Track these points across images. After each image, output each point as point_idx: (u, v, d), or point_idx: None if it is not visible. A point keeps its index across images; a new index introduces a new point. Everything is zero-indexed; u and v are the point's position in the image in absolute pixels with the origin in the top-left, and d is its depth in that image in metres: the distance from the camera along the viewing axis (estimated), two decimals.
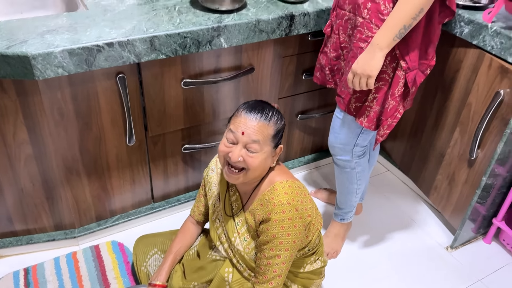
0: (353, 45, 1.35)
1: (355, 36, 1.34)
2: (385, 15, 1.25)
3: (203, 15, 1.44)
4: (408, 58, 1.28)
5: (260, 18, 1.45)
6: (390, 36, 1.20)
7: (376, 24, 1.27)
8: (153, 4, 1.48)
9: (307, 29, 1.56)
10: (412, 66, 1.30)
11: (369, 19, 1.28)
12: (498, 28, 1.42)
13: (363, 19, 1.29)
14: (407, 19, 1.17)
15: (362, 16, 1.29)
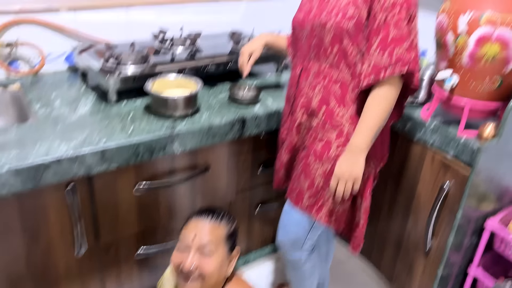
0: (308, 145, 1.40)
1: (309, 137, 1.39)
2: (339, 118, 1.33)
3: (157, 121, 1.46)
4: (375, 156, 1.36)
5: (213, 123, 1.49)
6: (369, 139, 1.26)
7: (331, 126, 1.34)
8: (106, 113, 1.50)
9: (259, 130, 1.62)
10: (377, 164, 1.38)
11: (324, 121, 1.35)
12: (437, 125, 1.51)
13: (318, 122, 1.36)
14: (379, 122, 1.25)
15: (317, 118, 1.36)
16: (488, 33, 1.28)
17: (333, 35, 1.28)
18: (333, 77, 1.33)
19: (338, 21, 1.26)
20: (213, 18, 2.14)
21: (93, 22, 1.83)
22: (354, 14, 1.23)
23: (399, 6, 1.17)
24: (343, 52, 1.29)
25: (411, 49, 1.19)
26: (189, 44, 1.86)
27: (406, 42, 1.18)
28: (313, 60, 1.37)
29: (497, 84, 1.36)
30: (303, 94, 1.40)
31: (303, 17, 1.37)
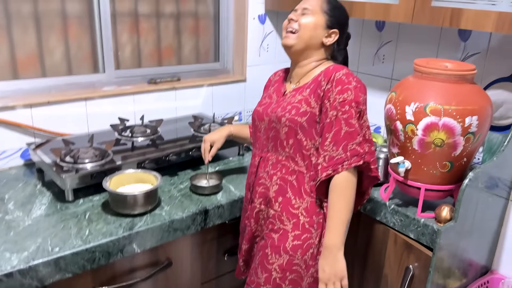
0: (265, 235, 1.40)
1: (267, 226, 1.39)
2: (295, 209, 1.33)
3: (115, 220, 1.42)
4: None
5: (174, 217, 1.46)
6: (342, 234, 1.25)
7: (287, 217, 1.34)
8: (62, 214, 1.45)
9: (222, 219, 1.60)
10: None
11: (280, 212, 1.35)
12: (396, 207, 1.54)
13: (274, 212, 1.36)
14: (347, 214, 1.26)
15: (274, 208, 1.36)
16: (434, 122, 1.35)
17: (288, 129, 1.34)
18: (290, 169, 1.36)
19: (292, 116, 1.32)
20: (174, 104, 2.17)
21: (50, 116, 1.82)
22: (306, 110, 1.31)
23: (348, 105, 1.24)
24: (298, 145, 1.33)
25: (364, 143, 1.24)
26: (150, 132, 1.87)
27: (358, 137, 1.24)
28: (271, 151, 1.41)
29: (448, 168, 1.42)
30: (261, 184, 1.42)
31: (262, 110, 1.43)
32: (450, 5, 1.52)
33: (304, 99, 1.32)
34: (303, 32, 1.34)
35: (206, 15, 2.32)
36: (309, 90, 1.33)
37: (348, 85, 1.25)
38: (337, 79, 1.26)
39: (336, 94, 1.25)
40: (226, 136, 1.64)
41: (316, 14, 1.34)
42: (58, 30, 1.88)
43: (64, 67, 1.94)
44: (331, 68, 1.31)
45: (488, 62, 1.72)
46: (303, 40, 1.34)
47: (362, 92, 1.27)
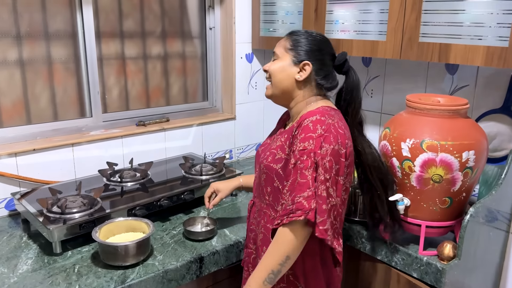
0: None
1: None
2: None
3: (106, 274, 1.35)
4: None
5: (168, 267, 1.39)
6: (260, 280, 1.18)
7: None
8: (50, 268, 1.38)
9: (218, 266, 1.53)
10: None
11: None
12: (397, 245, 1.50)
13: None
14: (274, 264, 1.17)
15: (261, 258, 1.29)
16: (431, 158, 1.33)
17: (266, 176, 1.31)
18: (270, 217, 1.31)
19: (268, 163, 1.29)
20: (164, 145, 2.13)
21: (36, 164, 1.76)
22: (281, 157, 1.26)
23: (306, 154, 1.16)
24: (276, 193, 1.28)
25: (312, 198, 1.13)
26: (140, 176, 1.82)
27: (307, 190, 1.14)
28: (257, 197, 1.38)
29: (448, 204, 1.39)
30: (252, 230, 1.41)
31: (260, 153, 1.40)
32: (437, 40, 1.54)
33: (280, 145, 1.28)
34: (274, 79, 1.30)
35: (193, 55, 2.32)
36: (286, 136, 1.28)
37: (312, 133, 1.17)
38: (304, 126, 1.20)
39: (299, 141, 1.18)
40: (233, 188, 1.61)
41: (282, 56, 1.29)
42: (43, 75, 1.85)
43: (50, 113, 1.90)
44: (306, 112, 1.25)
45: (477, 94, 1.73)
46: (277, 87, 1.30)
47: (326, 142, 1.16)
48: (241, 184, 1.62)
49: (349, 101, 1.33)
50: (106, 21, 1.98)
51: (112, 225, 1.48)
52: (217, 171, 1.91)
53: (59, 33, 1.86)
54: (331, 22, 1.89)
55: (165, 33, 2.18)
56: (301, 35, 1.30)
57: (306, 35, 1.30)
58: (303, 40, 1.29)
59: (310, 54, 1.28)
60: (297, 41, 1.29)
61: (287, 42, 1.30)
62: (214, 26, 2.30)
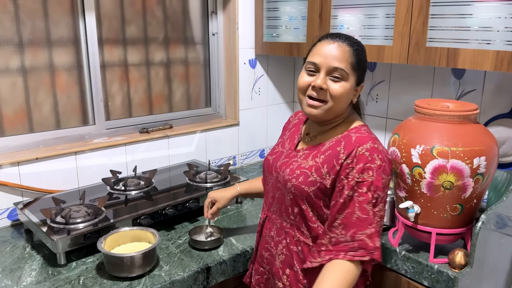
0: None
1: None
2: (304, 284, 1.21)
3: (111, 285, 1.32)
4: None
5: (175, 278, 1.37)
6: None
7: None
8: (54, 280, 1.35)
9: (225, 276, 1.51)
10: None
11: (289, 286, 1.24)
12: (406, 253, 1.47)
13: (283, 285, 1.25)
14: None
15: (282, 281, 1.25)
16: (441, 164, 1.31)
17: (293, 196, 1.19)
18: (294, 238, 1.22)
19: (299, 184, 1.17)
20: (167, 152, 2.11)
21: (39, 173, 1.74)
22: (316, 180, 1.15)
23: (366, 187, 1.07)
24: (304, 215, 1.19)
25: (375, 236, 1.08)
26: (144, 184, 1.80)
27: (369, 227, 1.07)
28: (276, 213, 1.28)
29: (459, 210, 1.37)
30: (267, 248, 1.32)
31: (272, 162, 1.30)
32: (445, 45, 1.52)
33: (316, 166, 1.15)
34: (336, 104, 1.14)
35: (196, 61, 2.30)
36: (324, 157, 1.16)
37: (371, 164, 1.08)
38: (360, 155, 1.09)
39: (357, 172, 1.08)
40: (231, 198, 1.55)
41: (350, 76, 1.12)
42: (46, 83, 1.83)
43: (53, 121, 1.88)
44: (354, 137, 1.14)
45: (484, 99, 1.72)
46: (334, 111, 1.16)
47: (385, 173, 1.10)
48: (239, 192, 1.56)
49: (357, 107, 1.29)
50: (109, 28, 1.96)
51: (117, 235, 1.46)
52: (222, 178, 1.89)
53: (61, 40, 1.84)
54: (336, 27, 1.88)
55: (167, 39, 2.16)
56: (360, 45, 1.16)
57: (361, 45, 1.17)
58: (363, 55, 1.17)
59: (364, 73, 1.19)
60: (360, 57, 1.15)
61: (352, 57, 1.13)
62: (217, 32, 2.29)
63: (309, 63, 1.16)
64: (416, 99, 1.53)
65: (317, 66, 1.14)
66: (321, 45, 1.15)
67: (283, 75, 2.49)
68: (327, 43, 1.14)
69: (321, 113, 1.16)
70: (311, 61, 1.15)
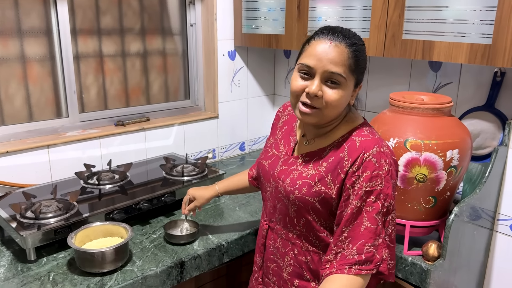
0: None
1: None
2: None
3: (82, 281, 1.30)
4: None
5: (147, 273, 1.35)
6: None
7: None
8: (23, 276, 1.32)
9: (200, 270, 1.49)
10: None
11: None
12: None
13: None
14: None
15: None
16: (415, 157, 1.31)
17: (298, 208, 1.11)
18: (303, 248, 1.15)
19: (302, 195, 1.09)
20: (144, 145, 2.08)
21: (9, 167, 1.70)
22: (321, 190, 1.07)
23: (375, 196, 1.00)
24: (310, 225, 1.12)
25: (383, 247, 1.01)
26: (119, 178, 1.77)
27: (378, 238, 1.00)
28: (279, 224, 1.20)
29: (432, 203, 1.37)
30: (272, 260, 1.24)
31: (268, 168, 1.22)
32: (421, 37, 1.52)
33: (319, 175, 1.07)
34: (331, 111, 1.04)
35: (174, 53, 2.27)
36: (327, 165, 1.07)
37: (379, 170, 1.00)
38: (366, 162, 1.00)
39: (363, 181, 1.00)
40: (210, 198, 1.52)
41: (347, 80, 1.02)
42: (17, 74, 1.78)
43: (25, 113, 1.83)
44: (358, 142, 1.05)
45: (461, 92, 1.72)
46: (329, 117, 1.06)
47: (393, 177, 1.03)
48: (218, 193, 1.51)
49: None
50: (83, 18, 1.92)
51: (89, 230, 1.43)
52: (199, 171, 1.87)
53: (33, 30, 1.79)
54: (314, 19, 1.86)
55: (144, 29, 2.12)
56: (359, 44, 1.04)
57: (361, 43, 1.05)
58: (363, 56, 1.05)
59: (363, 73, 1.08)
60: (359, 59, 1.03)
61: (350, 59, 1.01)
62: (195, 23, 2.25)
63: (302, 65, 1.04)
64: (394, 92, 1.53)
65: (311, 69, 1.02)
66: (316, 45, 1.02)
67: (263, 67, 2.47)
68: (323, 43, 1.01)
69: (315, 120, 1.06)
70: (305, 63, 1.03)
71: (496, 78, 1.59)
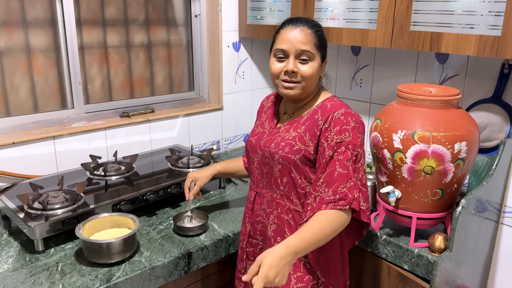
0: None
1: None
2: None
3: (90, 272, 1.31)
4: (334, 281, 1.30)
5: (155, 264, 1.35)
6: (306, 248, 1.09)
7: None
8: (32, 267, 1.33)
9: (207, 261, 1.50)
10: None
11: None
12: (387, 237, 1.48)
13: None
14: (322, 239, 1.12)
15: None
16: (422, 149, 1.31)
17: (282, 167, 1.28)
18: (285, 207, 1.30)
19: (285, 154, 1.25)
20: (149, 137, 2.08)
21: (15, 158, 1.70)
22: (301, 148, 1.24)
23: (345, 146, 1.18)
24: (293, 183, 1.27)
25: (354, 188, 1.17)
26: (125, 170, 1.77)
27: (349, 181, 1.17)
28: (265, 188, 1.35)
29: (439, 195, 1.37)
30: (259, 221, 1.38)
31: (255, 141, 1.37)
32: (429, 29, 1.51)
33: (299, 136, 1.25)
34: (308, 83, 1.25)
35: (179, 44, 2.26)
36: (305, 127, 1.26)
37: (347, 125, 1.19)
38: (336, 119, 1.20)
39: (334, 134, 1.19)
40: (210, 175, 1.60)
41: (315, 55, 1.23)
42: (22, 65, 1.77)
43: (30, 104, 1.83)
44: (329, 105, 1.24)
45: (467, 84, 1.72)
46: (307, 89, 1.26)
47: (360, 132, 1.21)
48: (218, 171, 1.61)
49: None
50: (87, 8, 1.90)
51: (96, 221, 1.43)
52: (205, 163, 1.87)
53: (37, 21, 1.78)
54: (320, 9, 1.85)
55: (148, 20, 2.11)
56: (319, 26, 1.26)
57: (320, 26, 1.27)
58: (323, 35, 1.26)
59: (326, 49, 1.29)
60: (322, 36, 1.25)
61: (314, 38, 1.22)
62: (200, 14, 2.24)
63: (277, 50, 1.25)
64: (400, 83, 1.52)
65: (285, 52, 1.23)
66: (286, 32, 1.24)
67: (268, 59, 2.44)
68: (290, 30, 1.23)
69: (297, 92, 1.25)
70: (279, 48, 1.24)
71: (504, 70, 1.58)
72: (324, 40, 1.26)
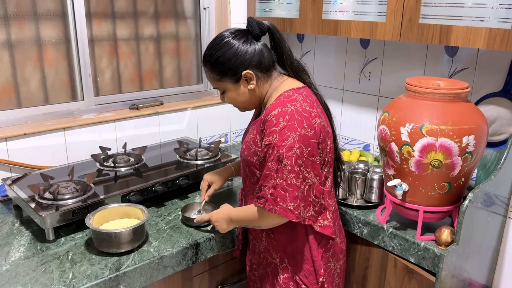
0: (262, 268, 1.40)
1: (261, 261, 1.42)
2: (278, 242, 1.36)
3: (100, 261, 1.33)
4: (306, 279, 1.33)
5: (163, 254, 1.37)
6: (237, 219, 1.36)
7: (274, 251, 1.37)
8: (43, 255, 1.35)
9: (214, 252, 1.52)
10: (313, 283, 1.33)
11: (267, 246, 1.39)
12: (394, 230, 1.49)
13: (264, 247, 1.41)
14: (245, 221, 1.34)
15: (263, 243, 1.41)
16: (430, 142, 1.31)
17: (248, 168, 1.34)
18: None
19: (246, 157, 1.32)
20: (158, 129, 2.10)
21: (27, 149, 1.72)
22: (256, 150, 1.27)
23: (271, 148, 1.20)
24: (258, 181, 1.29)
25: (270, 188, 1.20)
26: (134, 161, 1.79)
27: (270, 181, 1.20)
28: (246, 187, 1.41)
29: (446, 189, 1.37)
30: None
31: (241, 149, 1.41)
32: (438, 22, 1.50)
33: (253, 138, 1.29)
34: (241, 104, 1.34)
35: (187, 37, 2.26)
36: (256, 130, 1.29)
37: (275, 127, 1.19)
38: (268, 121, 1.21)
39: (265, 136, 1.22)
40: (227, 178, 1.64)
41: (222, 87, 1.30)
42: (33, 57, 1.80)
43: (41, 96, 1.85)
44: (272, 105, 1.24)
45: (477, 77, 1.71)
46: (246, 105, 1.35)
47: (292, 130, 1.18)
48: (233, 172, 1.64)
49: (281, 54, 1.34)
50: (97, 1, 1.92)
51: (106, 211, 1.46)
52: (213, 155, 1.89)
53: (48, 13, 1.80)
54: (329, 2, 1.84)
55: (157, 13, 2.12)
56: (210, 56, 1.27)
57: (212, 52, 1.26)
58: (218, 60, 1.25)
59: (235, 64, 1.25)
60: (215, 65, 1.26)
61: (212, 73, 1.29)
62: (209, 6, 2.24)
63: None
64: (409, 77, 1.51)
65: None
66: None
67: None
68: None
69: (243, 110, 1.39)
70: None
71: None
72: (221, 65, 1.25)
